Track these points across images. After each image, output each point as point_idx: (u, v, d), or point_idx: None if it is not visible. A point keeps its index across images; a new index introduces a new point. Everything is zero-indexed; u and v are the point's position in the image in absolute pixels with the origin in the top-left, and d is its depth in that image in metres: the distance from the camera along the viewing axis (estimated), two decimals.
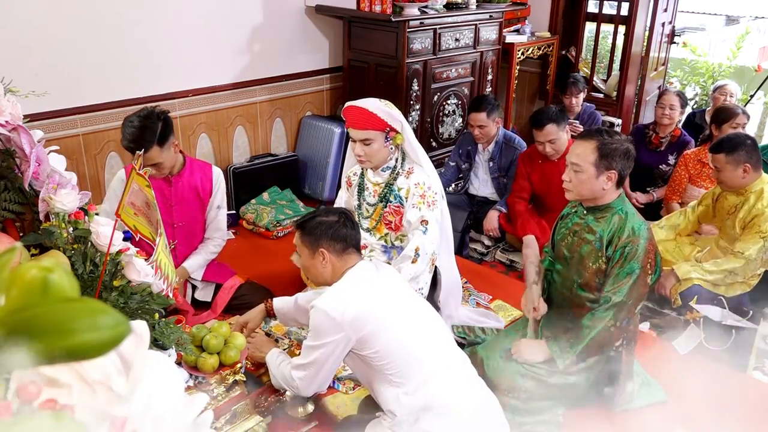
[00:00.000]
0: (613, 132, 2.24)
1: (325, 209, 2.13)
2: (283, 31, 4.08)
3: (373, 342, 1.85)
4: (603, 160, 2.15)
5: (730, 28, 8.25)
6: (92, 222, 1.39)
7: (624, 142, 2.19)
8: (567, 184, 2.24)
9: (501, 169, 3.74)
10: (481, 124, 3.61)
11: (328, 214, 2.05)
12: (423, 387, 1.86)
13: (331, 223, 1.99)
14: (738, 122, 3.53)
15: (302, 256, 2.03)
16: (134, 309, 1.36)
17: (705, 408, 2.32)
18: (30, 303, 0.40)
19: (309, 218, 2.04)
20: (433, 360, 1.90)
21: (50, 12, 3.07)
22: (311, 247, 1.99)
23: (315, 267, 2.00)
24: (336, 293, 1.91)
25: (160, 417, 0.54)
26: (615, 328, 2.20)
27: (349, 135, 2.57)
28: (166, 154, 2.55)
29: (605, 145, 2.15)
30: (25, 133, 1.34)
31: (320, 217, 2.03)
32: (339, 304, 1.86)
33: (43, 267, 0.41)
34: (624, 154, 2.16)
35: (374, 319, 1.86)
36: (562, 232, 2.40)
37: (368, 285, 1.95)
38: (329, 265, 1.98)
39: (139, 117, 2.48)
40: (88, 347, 0.40)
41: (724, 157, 2.82)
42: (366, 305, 1.89)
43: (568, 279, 2.36)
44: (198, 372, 2.08)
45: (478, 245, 3.79)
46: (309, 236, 1.99)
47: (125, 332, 0.42)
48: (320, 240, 1.97)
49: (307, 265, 2.03)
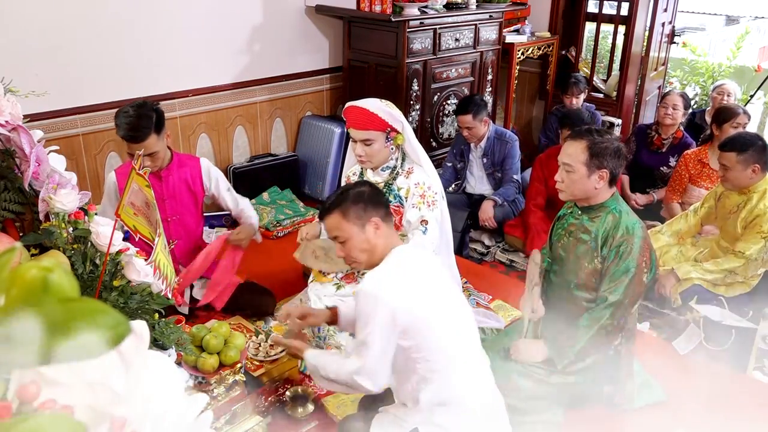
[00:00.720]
0: (604, 131, 2.25)
1: (345, 186, 1.99)
2: (283, 31, 4.08)
3: (414, 334, 1.74)
4: (594, 160, 2.15)
5: (730, 28, 8.24)
6: (92, 222, 1.39)
7: (614, 141, 2.19)
8: (560, 185, 2.25)
9: (495, 164, 3.79)
10: (468, 125, 3.68)
11: (356, 186, 1.92)
12: (447, 382, 1.78)
13: (369, 191, 1.88)
14: (739, 122, 3.53)
15: (347, 236, 1.84)
16: (134, 309, 1.36)
17: (705, 408, 2.32)
18: (30, 303, 0.40)
19: (340, 195, 1.88)
20: (461, 356, 1.83)
21: (50, 12, 3.07)
22: (360, 219, 1.82)
23: (368, 241, 1.83)
24: (386, 275, 1.77)
25: (160, 417, 0.54)
26: (612, 327, 2.21)
27: (350, 135, 2.57)
28: (161, 143, 2.59)
29: (596, 144, 2.16)
30: (25, 133, 1.34)
31: (353, 189, 1.89)
32: (390, 287, 1.73)
33: (43, 267, 0.41)
34: (615, 152, 2.17)
35: (421, 311, 1.75)
36: (559, 233, 2.41)
37: (415, 272, 1.82)
38: (382, 234, 1.84)
39: (133, 107, 2.51)
40: (88, 347, 0.40)
41: (735, 156, 2.80)
42: (416, 296, 1.76)
43: (565, 279, 2.36)
44: (198, 372, 2.08)
45: (478, 245, 3.79)
46: (355, 207, 1.83)
47: (125, 332, 0.42)
48: (368, 208, 1.83)
49: (356, 243, 1.84)
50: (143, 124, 2.47)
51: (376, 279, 1.76)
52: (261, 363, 2.31)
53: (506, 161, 3.74)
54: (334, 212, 1.86)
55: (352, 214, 1.83)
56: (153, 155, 2.56)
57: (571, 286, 2.34)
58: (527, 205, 3.62)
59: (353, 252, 1.86)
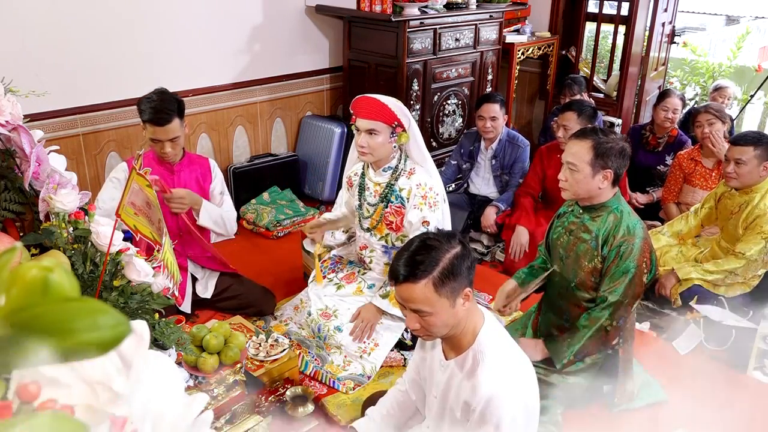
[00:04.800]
0: (608, 131, 2.24)
1: (426, 239, 1.54)
2: (283, 31, 4.08)
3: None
4: (599, 159, 2.15)
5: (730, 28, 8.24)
6: (92, 222, 1.39)
7: (619, 140, 2.19)
8: (563, 184, 2.24)
9: (504, 167, 3.76)
10: (494, 115, 3.64)
11: (449, 244, 1.52)
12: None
13: (466, 251, 1.53)
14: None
15: (433, 311, 1.49)
16: (134, 309, 1.36)
17: (705, 408, 2.32)
18: (30, 303, 0.40)
19: (430, 255, 1.48)
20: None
21: (50, 12, 3.07)
22: (453, 291, 1.49)
23: (455, 316, 1.52)
24: (509, 374, 1.52)
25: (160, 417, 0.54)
26: (611, 327, 2.21)
27: (356, 126, 2.55)
28: (182, 130, 2.62)
29: (600, 144, 2.15)
30: (25, 133, 1.34)
31: (448, 250, 1.50)
32: (520, 386, 1.52)
33: (43, 267, 0.41)
34: (619, 152, 2.16)
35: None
36: (558, 230, 2.41)
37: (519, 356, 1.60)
38: (470, 306, 1.55)
39: (155, 93, 2.56)
40: (88, 347, 0.40)
41: (753, 149, 2.78)
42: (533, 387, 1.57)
43: (564, 278, 2.36)
44: (198, 372, 2.08)
45: (478, 245, 3.79)
46: (451, 276, 1.47)
47: (125, 332, 0.42)
48: (462, 277, 1.49)
49: (442, 318, 1.51)
50: (168, 107, 2.52)
51: (505, 385, 1.50)
52: (261, 363, 2.31)
53: (515, 165, 3.72)
54: (422, 281, 1.47)
55: (446, 287, 1.48)
56: (174, 141, 2.59)
57: (570, 285, 2.34)
58: (520, 190, 3.63)
59: (434, 328, 1.53)
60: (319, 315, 2.66)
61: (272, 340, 2.38)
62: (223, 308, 2.88)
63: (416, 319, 1.52)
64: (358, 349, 2.56)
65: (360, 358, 2.55)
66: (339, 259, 2.91)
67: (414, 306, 1.50)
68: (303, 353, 2.62)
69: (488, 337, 1.56)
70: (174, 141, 2.59)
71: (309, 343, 2.70)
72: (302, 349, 2.66)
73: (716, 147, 3.38)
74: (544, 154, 3.59)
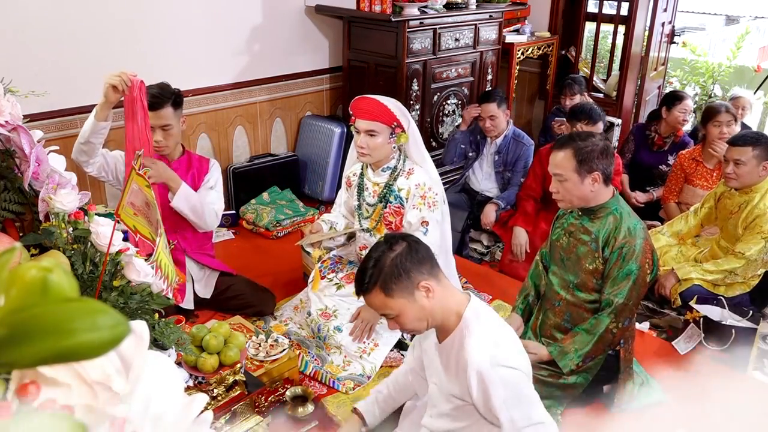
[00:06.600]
0: (586, 134, 2.25)
1: (374, 250, 1.64)
2: (283, 31, 4.07)
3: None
4: (583, 165, 2.15)
5: (730, 28, 8.24)
6: (92, 222, 1.38)
7: (598, 141, 2.19)
8: (556, 195, 2.25)
9: (506, 164, 3.76)
10: (492, 114, 3.64)
11: (388, 248, 1.61)
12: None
13: (405, 250, 1.60)
14: (720, 120, 3.54)
15: (397, 312, 1.61)
16: (134, 309, 1.36)
17: (705, 408, 2.31)
18: (30, 303, 0.40)
19: (374, 267, 1.59)
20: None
21: (50, 12, 3.07)
22: (406, 289, 1.58)
23: (423, 309, 1.61)
24: (493, 344, 1.60)
25: (160, 417, 0.54)
26: (617, 329, 2.21)
27: (355, 127, 2.55)
28: (176, 121, 2.63)
29: (581, 149, 2.16)
30: (25, 133, 1.34)
31: (385, 256, 1.60)
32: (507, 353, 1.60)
33: (42, 267, 0.41)
34: (602, 153, 2.16)
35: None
36: (558, 232, 2.41)
37: (503, 327, 1.69)
38: (437, 294, 1.61)
39: (156, 84, 2.60)
40: (88, 347, 0.40)
41: (751, 150, 2.78)
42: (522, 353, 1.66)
43: (565, 280, 2.36)
44: (198, 372, 2.08)
45: (478, 245, 3.79)
46: (396, 279, 1.58)
47: (125, 332, 0.42)
48: (412, 273, 1.58)
49: (410, 315, 1.61)
50: (163, 94, 2.56)
51: (491, 353, 1.57)
52: (261, 363, 2.31)
53: (517, 163, 3.71)
54: (372, 291, 1.61)
55: (395, 288, 1.58)
56: (166, 130, 2.59)
57: (571, 287, 2.34)
58: (521, 193, 3.63)
59: (409, 325, 1.64)
60: (318, 315, 2.66)
61: (272, 340, 2.38)
62: (222, 308, 2.88)
63: (391, 322, 1.66)
64: (358, 349, 2.56)
65: (360, 358, 2.55)
66: (339, 259, 2.91)
67: (380, 312, 1.65)
68: (303, 353, 2.62)
69: (473, 313, 1.65)
70: (166, 130, 2.59)
71: (309, 343, 2.70)
72: (302, 349, 2.66)
73: (718, 151, 3.39)
74: (543, 156, 3.59)
